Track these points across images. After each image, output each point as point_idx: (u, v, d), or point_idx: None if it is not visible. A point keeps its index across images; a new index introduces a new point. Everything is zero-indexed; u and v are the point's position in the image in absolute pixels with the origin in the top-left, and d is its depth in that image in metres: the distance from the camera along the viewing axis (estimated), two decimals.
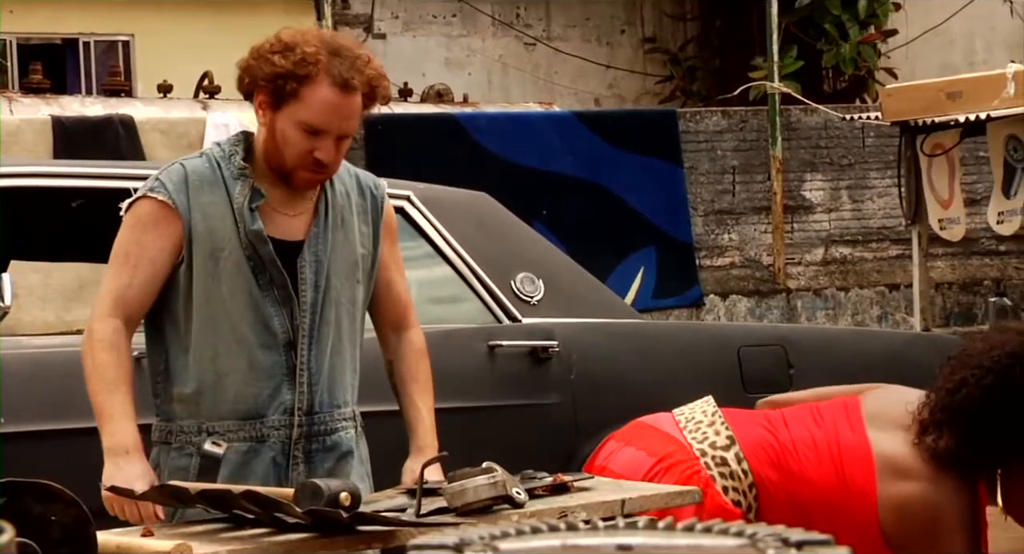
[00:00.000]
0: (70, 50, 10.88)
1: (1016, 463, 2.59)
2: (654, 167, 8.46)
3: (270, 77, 2.58)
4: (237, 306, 2.60)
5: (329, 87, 2.57)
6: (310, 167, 2.60)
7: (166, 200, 2.62)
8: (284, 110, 2.59)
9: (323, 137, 2.58)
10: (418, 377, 2.81)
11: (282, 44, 2.59)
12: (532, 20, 11.93)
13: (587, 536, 1.18)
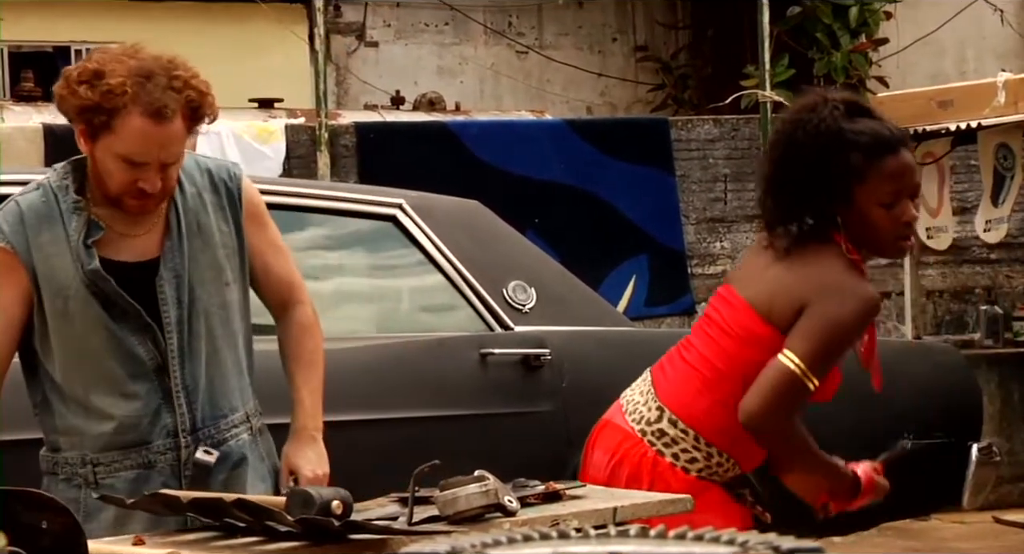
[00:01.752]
0: (61, 58, 10.87)
1: (839, 205, 2.63)
2: (646, 175, 8.47)
3: (79, 109, 2.49)
4: (96, 342, 2.54)
5: (140, 117, 2.46)
6: (135, 196, 2.52)
7: (4, 246, 2.54)
8: (100, 142, 2.50)
9: (144, 168, 2.49)
10: (301, 354, 2.69)
11: (89, 72, 2.49)
12: (524, 28, 11.94)
13: (578, 544, 1.19)
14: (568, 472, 3.84)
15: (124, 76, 2.46)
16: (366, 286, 4.34)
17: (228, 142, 7.75)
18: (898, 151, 2.63)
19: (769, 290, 2.64)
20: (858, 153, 2.60)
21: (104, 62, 2.49)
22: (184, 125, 2.51)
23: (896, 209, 2.62)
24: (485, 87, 11.80)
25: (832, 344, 2.59)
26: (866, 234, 2.64)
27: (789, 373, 2.57)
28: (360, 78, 11.46)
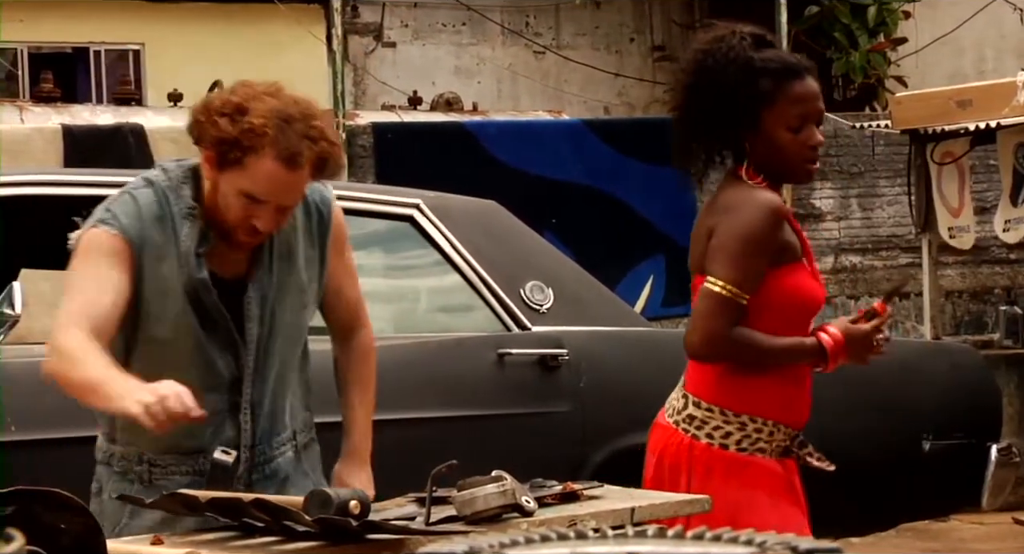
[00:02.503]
0: (80, 59, 10.92)
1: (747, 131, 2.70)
2: (663, 175, 8.44)
3: (215, 141, 2.49)
4: (182, 349, 2.55)
5: (274, 161, 2.47)
6: (247, 232, 2.54)
7: (119, 234, 2.55)
8: (226, 174, 2.51)
9: (263, 206, 2.51)
10: (359, 379, 2.77)
11: (232, 106, 2.49)
12: (541, 28, 11.94)
13: (596, 544, 1.18)
14: (586, 472, 3.84)
15: (266, 117, 2.47)
16: (383, 286, 4.34)
17: None
18: (804, 77, 2.71)
19: (694, 251, 2.76)
20: (767, 78, 2.68)
21: (247, 98, 2.50)
22: (310, 172, 2.52)
23: (802, 133, 2.69)
24: (502, 87, 11.80)
25: (742, 252, 2.66)
26: (773, 158, 2.71)
27: (713, 295, 2.65)
28: (377, 78, 11.48)
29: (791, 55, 2.78)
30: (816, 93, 2.71)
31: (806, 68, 2.72)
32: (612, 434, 4.04)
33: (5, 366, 3.55)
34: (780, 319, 2.69)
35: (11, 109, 8.17)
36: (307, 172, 2.51)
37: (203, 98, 2.59)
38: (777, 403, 2.71)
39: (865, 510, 4.35)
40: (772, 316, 2.68)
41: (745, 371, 2.70)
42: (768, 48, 2.75)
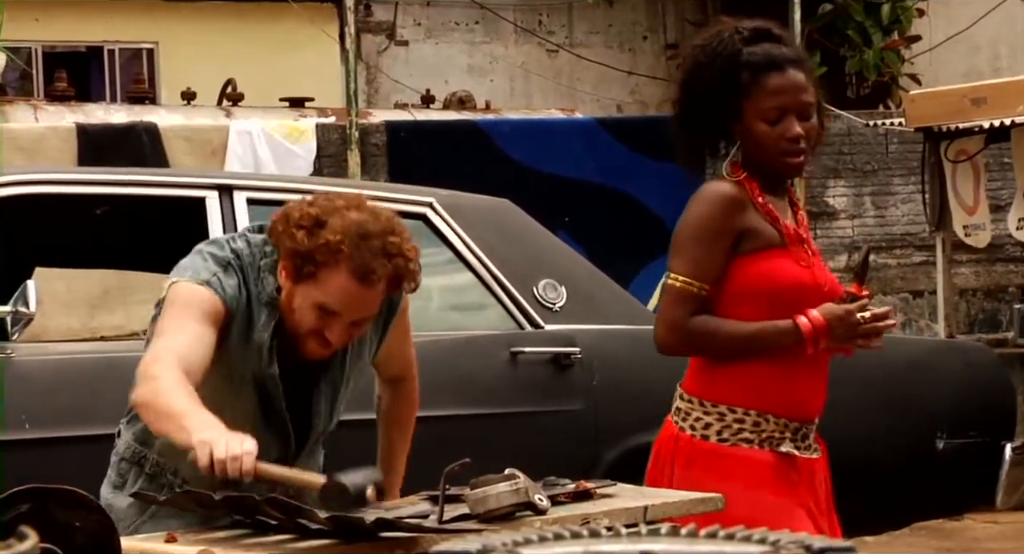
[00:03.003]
0: (94, 58, 10.94)
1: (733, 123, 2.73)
2: (676, 173, 8.41)
3: (291, 253, 2.49)
4: (235, 417, 2.50)
5: (348, 276, 2.47)
6: (319, 342, 2.54)
7: (221, 300, 2.53)
8: (301, 286, 2.51)
9: (337, 319, 2.51)
10: (401, 422, 2.86)
11: (310, 219, 2.48)
12: (554, 27, 11.93)
13: (609, 543, 1.18)
14: (599, 470, 3.84)
15: (342, 233, 2.47)
16: None
17: (259, 141, 7.78)
18: (784, 69, 2.70)
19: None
20: (746, 71, 2.70)
21: (326, 211, 2.50)
22: (386, 287, 2.53)
23: (780, 126, 2.68)
24: (515, 86, 11.80)
25: (690, 242, 2.73)
26: (752, 151, 2.73)
27: (668, 288, 2.72)
28: (390, 77, 11.48)
29: (782, 48, 2.73)
30: (796, 85, 2.69)
31: (790, 59, 2.70)
32: (625, 432, 4.04)
33: (20, 364, 3.56)
34: (757, 306, 2.67)
35: (25, 108, 8.20)
36: (382, 288, 2.52)
37: (284, 207, 2.57)
38: (762, 392, 2.68)
39: (879, 509, 4.34)
40: (748, 304, 2.67)
41: (722, 361, 2.69)
42: (770, 42, 2.72)
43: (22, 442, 3.45)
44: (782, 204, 2.77)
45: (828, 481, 2.78)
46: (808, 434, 2.73)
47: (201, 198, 3.87)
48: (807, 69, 2.73)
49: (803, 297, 2.68)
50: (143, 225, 4.34)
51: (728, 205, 2.71)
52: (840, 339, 2.66)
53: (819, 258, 2.78)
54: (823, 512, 2.74)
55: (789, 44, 2.77)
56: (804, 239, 2.75)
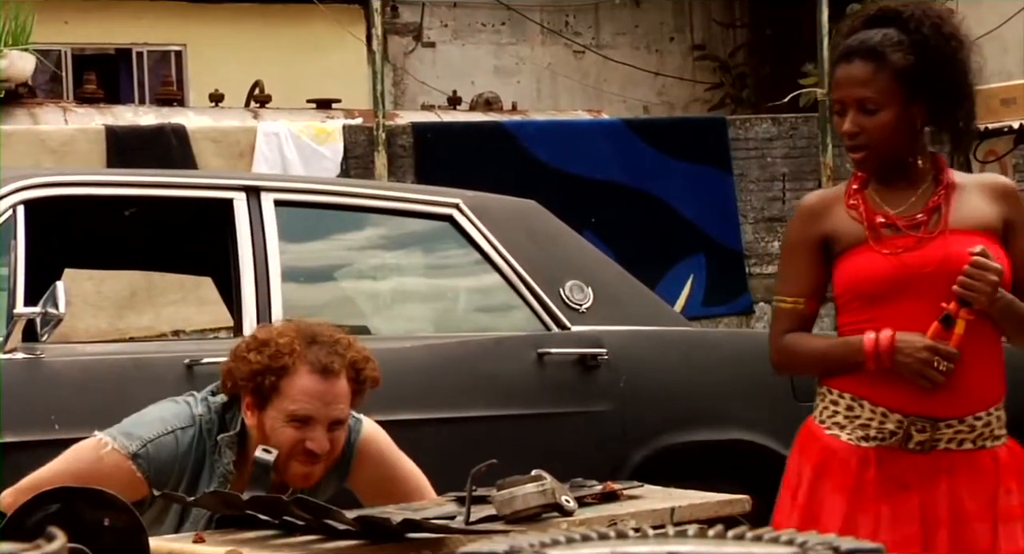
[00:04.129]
0: (123, 60, 11.00)
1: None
2: (704, 174, 8.43)
3: (249, 376, 2.57)
4: None
5: (308, 375, 2.56)
6: (302, 458, 2.57)
7: (144, 478, 2.58)
8: (269, 407, 2.57)
9: (312, 426, 2.56)
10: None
11: (257, 342, 2.60)
12: (581, 28, 11.93)
13: (637, 544, 1.18)
14: (625, 472, 3.83)
15: (291, 337, 2.58)
16: (423, 286, 4.35)
17: (287, 143, 7.80)
18: (849, 60, 2.57)
19: None
20: (833, 64, 2.65)
21: (269, 332, 2.64)
22: (349, 386, 2.59)
23: (842, 117, 2.59)
24: (542, 87, 11.80)
25: (781, 259, 2.74)
26: None
27: (772, 309, 2.73)
28: (417, 78, 11.50)
29: (875, 33, 2.56)
30: (853, 78, 2.55)
31: (855, 49, 2.56)
32: (652, 434, 4.03)
33: (49, 365, 3.58)
34: (853, 309, 2.58)
35: (55, 110, 8.25)
36: (344, 383, 2.58)
37: (232, 348, 2.65)
38: (861, 376, 2.55)
39: None
40: (846, 308, 2.60)
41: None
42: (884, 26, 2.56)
43: (52, 442, 3.47)
44: (898, 192, 2.59)
45: (997, 482, 2.52)
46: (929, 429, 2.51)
47: (229, 199, 3.88)
48: (883, 58, 2.53)
49: (897, 287, 2.53)
50: (171, 226, 4.35)
51: (802, 216, 2.65)
52: (905, 370, 2.48)
53: (945, 236, 2.53)
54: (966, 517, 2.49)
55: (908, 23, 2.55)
56: (915, 223, 2.55)
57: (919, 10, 2.57)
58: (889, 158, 2.58)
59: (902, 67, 2.53)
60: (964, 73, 2.58)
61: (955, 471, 2.51)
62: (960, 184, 2.61)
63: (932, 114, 2.57)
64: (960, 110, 2.59)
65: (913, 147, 2.58)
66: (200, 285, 5.70)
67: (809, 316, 2.65)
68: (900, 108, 2.54)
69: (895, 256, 2.54)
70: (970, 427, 2.52)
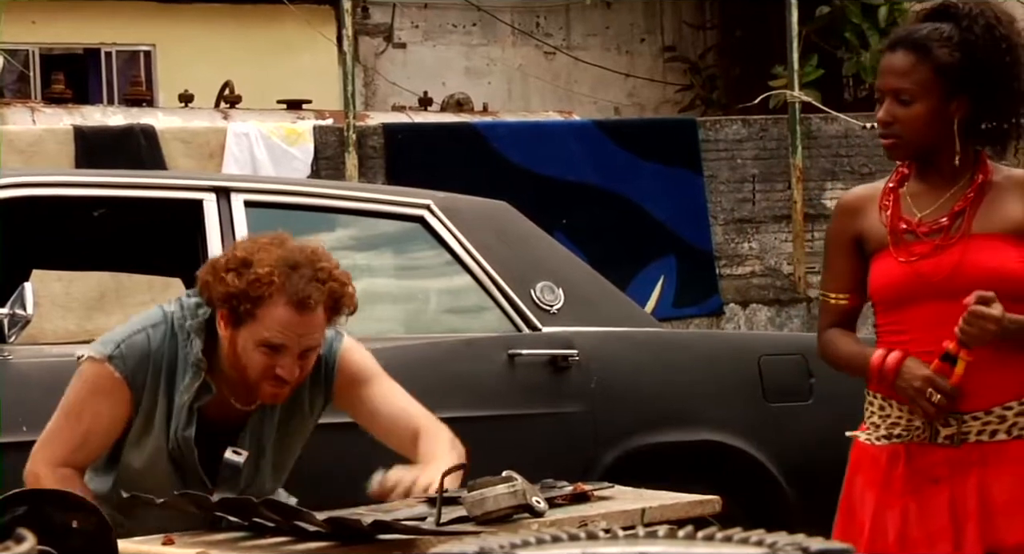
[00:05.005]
0: (92, 60, 10.94)
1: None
2: (674, 176, 8.45)
3: (224, 297, 2.56)
4: (153, 483, 2.60)
5: (285, 306, 2.54)
6: (272, 382, 2.58)
7: (123, 379, 2.62)
8: (242, 329, 2.57)
9: (284, 353, 2.56)
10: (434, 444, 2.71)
11: (237, 261, 2.57)
12: (552, 29, 11.94)
13: (607, 545, 1.18)
14: (596, 473, 3.83)
15: (271, 265, 2.54)
16: (394, 287, 4.34)
17: (257, 143, 7.78)
18: (893, 50, 2.57)
19: None
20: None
21: (252, 251, 2.58)
22: (325, 315, 2.58)
23: (881, 105, 2.58)
24: (513, 88, 11.80)
25: (824, 257, 2.73)
26: None
27: (819, 302, 2.75)
28: (388, 79, 11.49)
29: (922, 27, 2.55)
30: (892, 67, 2.53)
31: (894, 40, 2.56)
32: (623, 435, 4.04)
33: (17, 366, 3.56)
34: (881, 313, 2.60)
35: (23, 110, 8.19)
36: (321, 314, 2.57)
37: (209, 259, 2.65)
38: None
39: None
40: (877, 310, 2.62)
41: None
42: (938, 20, 2.55)
43: (20, 444, 3.45)
44: (932, 191, 2.57)
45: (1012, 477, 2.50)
46: (955, 423, 2.48)
47: (198, 200, 3.87)
48: (926, 51, 2.52)
49: (910, 295, 2.53)
50: (140, 227, 4.33)
51: (840, 213, 2.67)
52: (903, 392, 2.50)
53: (964, 242, 2.51)
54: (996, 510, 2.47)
55: (962, 21, 2.53)
56: (937, 228, 2.53)
57: (977, 9, 2.55)
58: (921, 151, 2.56)
59: (945, 62, 2.51)
60: (1011, 76, 2.55)
61: (987, 462, 2.49)
62: (998, 183, 2.57)
63: (973, 112, 2.53)
64: (1000, 112, 2.55)
65: (948, 143, 2.54)
66: (170, 286, 5.67)
67: (852, 310, 2.65)
68: (936, 102, 2.52)
69: (909, 264, 2.54)
70: (1000, 418, 2.49)
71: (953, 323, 2.45)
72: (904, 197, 2.59)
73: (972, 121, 2.54)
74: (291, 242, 2.62)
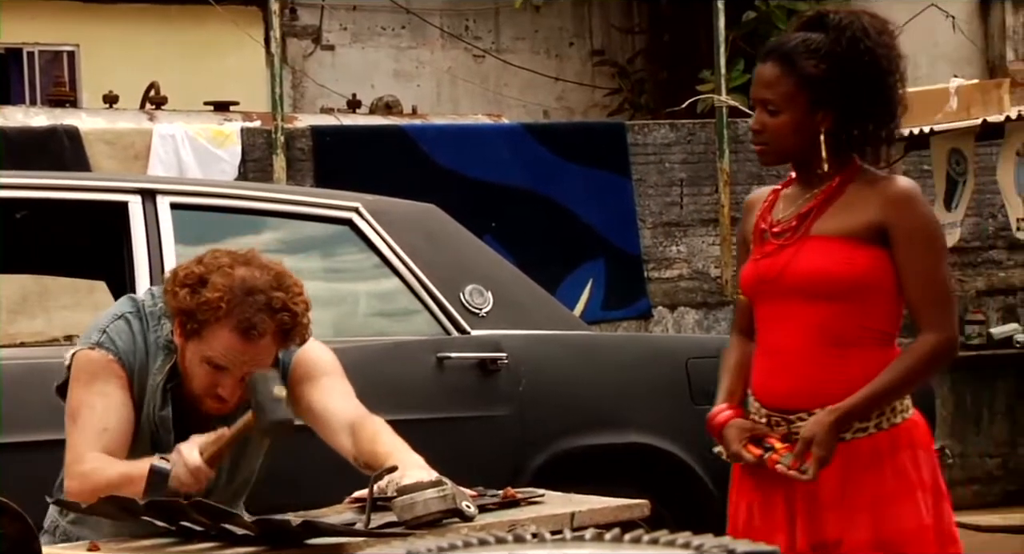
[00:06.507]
0: (14, 60, 10.78)
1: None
2: (602, 179, 8.49)
3: (175, 311, 2.58)
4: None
5: (231, 332, 2.54)
6: (214, 399, 2.60)
7: (116, 360, 2.63)
8: (190, 343, 2.59)
9: (226, 374, 2.57)
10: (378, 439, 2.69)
11: (194, 277, 2.57)
12: (481, 32, 11.94)
13: (535, 548, 1.19)
14: (525, 476, 3.84)
15: (223, 291, 2.53)
16: (322, 290, 4.32)
17: (183, 145, 7.71)
18: (764, 60, 2.64)
19: None
20: None
21: (210, 270, 2.57)
22: (273, 342, 2.58)
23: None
24: (442, 91, 11.79)
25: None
26: None
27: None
28: (316, 81, 11.43)
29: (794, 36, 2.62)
30: (760, 78, 2.62)
31: (774, 52, 2.61)
32: (551, 438, 4.05)
33: None
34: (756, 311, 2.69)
35: None
36: (268, 342, 2.57)
37: (174, 266, 2.68)
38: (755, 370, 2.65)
39: None
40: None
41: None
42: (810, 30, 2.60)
43: None
44: (801, 195, 2.65)
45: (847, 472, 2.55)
46: (784, 422, 2.58)
47: (124, 202, 3.83)
48: (792, 63, 2.58)
49: (755, 292, 2.63)
50: (64, 230, 4.28)
51: (743, 212, 2.78)
52: (723, 444, 2.63)
53: (801, 243, 2.59)
54: (819, 505, 2.56)
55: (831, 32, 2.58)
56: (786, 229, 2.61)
57: (848, 19, 2.60)
58: (789, 158, 2.67)
59: (810, 74, 2.57)
60: (878, 87, 2.60)
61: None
62: (856, 188, 2.63)
63: (839, 122, 2.60)
64: (868, 121, 2.61)
65: (816, 151, 2.61)
66: (94, 290, 5.61)
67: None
68: (801, 114, 2.59)
69: (754, 262, 2.65)
70: None
71: (782, 323, 2.56)
72: (780, 199, 2.70)
73: (839, 130, 2.61)
74: (258, 262, 2.61)
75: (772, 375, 2.60)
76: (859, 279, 2.54)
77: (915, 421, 2.62)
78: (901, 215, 2.58)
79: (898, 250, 2.55)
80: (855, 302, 2.54)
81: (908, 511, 2.54)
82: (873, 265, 2.55)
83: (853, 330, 2.55)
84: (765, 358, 2.62)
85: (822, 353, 2.55)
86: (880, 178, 2.65)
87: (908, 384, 2.56)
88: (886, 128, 2.64)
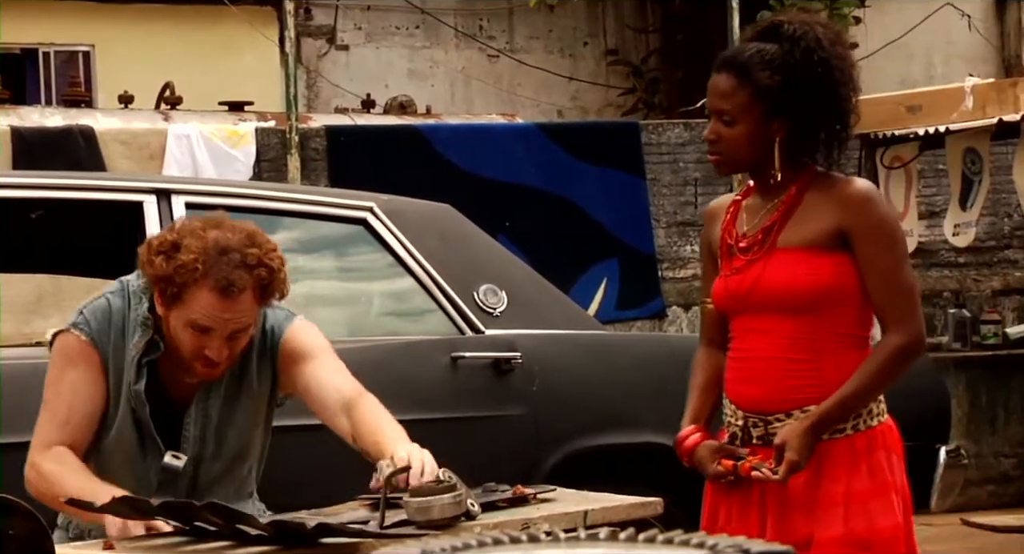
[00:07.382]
0: (30, 60, 10.81)
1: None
2: (616, 179, 8.48)
3: (154, 279, 2.61)
4: (121, 454, 2.67)
5: (210, 292, 2.57)
6: (203, 363, 2.62)
7: (88, 340, 2.66)
8: (172, 310, 2.61)
9: (212, 335, 2.59)
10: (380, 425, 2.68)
11: (168, 244, 2.60)
12: (495, 32, 11.94)
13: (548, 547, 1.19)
14: (539, 475, 3.84)
15: (197, 253, 2.57)
16: (337, 289, 4.33)
17: (198, 145, 7.72)
18: (719, 71, 2.64)
19: None
20: None
21: (183, 235, 2.61)
22: (254, 298, 2.60)
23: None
24: (456, 90, 11.79)
25: None
26: None
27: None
28: (331, 81, 11.44)
29: (748, 47, 2.64)
30: (714, 88, 2.62)
31: (728, 62, 2.62)
32: (565, 437, 4.05)
33: None
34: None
35: None
36: (249, 298, 2.59)
37: (147, 238, 2.70)
38: (729, 375, 2.68)
39: None
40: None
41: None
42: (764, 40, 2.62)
43: None
44: (760, 205, 2.66)
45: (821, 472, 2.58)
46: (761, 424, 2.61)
47: (139, 202, 3.84)
48: (747, 74, 2.59)
49: (729, 307, 2.67)
50: (79, 230, 4.29)
51: (704, 220, 2.77)
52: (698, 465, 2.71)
53: (768, 257, 2.61)
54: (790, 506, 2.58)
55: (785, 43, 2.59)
56: (752, 243, 2.62)
57: (802, 29, 2.62)
58: (744, 168, 2.69)
59: (764, 86, 2.59)
60: (831, 97, 2.62)
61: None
62: (813, 195, 2.64)
63: (793, 132, 2.61)
64: (823, 131, 2.62)
65: (771, 160, 2.62)
66: None
67: (722, 316, 2.71)
68: (756, 124, 2.60)
69: (724, 278, 2.67)
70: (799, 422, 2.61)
71: (756, 334, 2.60)
72: (742, 210, 2.70)
73: (793, 139, 2.62)
74: (227, 223, 2.65)
75: (747, 381, 2.63)
76: (825, 289, 2.56)
77: (889, 425, 2.66)
78: (859, 216, 2.59)
79: (859, 251, 2.57)
80: (825, 311, 2.57)
81: (883, 509, 2.57)
82: (838, 272, 2.57)
83: (826, 338, 2.59)
84: (740, 364, 2.65)
85: (796, 360, 2.59)
86: (837, 181, 2.66)
87: (878, 386, 2.60)
88: (838, 137, 2.66)
